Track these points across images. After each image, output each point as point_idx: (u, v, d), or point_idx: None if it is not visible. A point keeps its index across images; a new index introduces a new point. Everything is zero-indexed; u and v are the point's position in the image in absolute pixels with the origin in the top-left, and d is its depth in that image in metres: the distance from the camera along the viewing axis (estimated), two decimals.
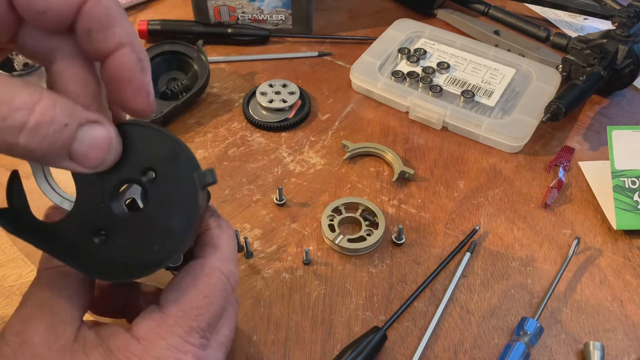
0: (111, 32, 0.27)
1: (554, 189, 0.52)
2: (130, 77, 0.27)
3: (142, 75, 0.28)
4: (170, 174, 0.28)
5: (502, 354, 0.41)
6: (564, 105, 0.55)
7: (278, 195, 0.51)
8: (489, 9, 0.73)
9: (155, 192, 0.28)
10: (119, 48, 0.27)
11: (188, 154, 0.28)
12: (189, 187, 0.28)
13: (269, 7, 0.68)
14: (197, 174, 0.28)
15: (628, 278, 0.47)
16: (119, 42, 0.27)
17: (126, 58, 0.27)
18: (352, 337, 0.42)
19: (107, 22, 0.26)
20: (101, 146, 0.26)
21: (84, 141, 0.25)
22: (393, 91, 0.60)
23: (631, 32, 0.59)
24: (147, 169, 0.28)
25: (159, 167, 0.28)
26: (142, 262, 0.28)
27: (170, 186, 0.28)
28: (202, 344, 0.31)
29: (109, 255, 0.29)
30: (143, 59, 0.28)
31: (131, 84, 0.28)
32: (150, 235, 0.28)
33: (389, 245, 0.49)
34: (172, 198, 0.28)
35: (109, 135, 0.27)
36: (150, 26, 0.68)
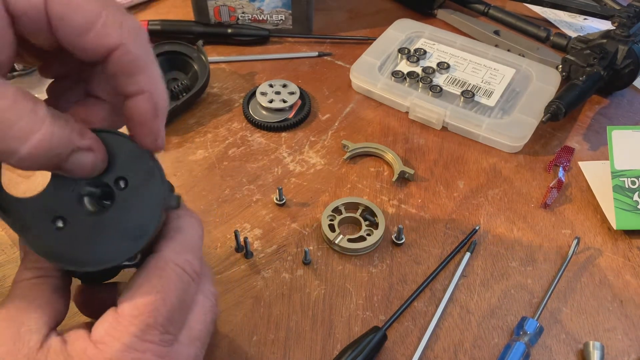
0: (134, 80, 0.29)
1: (554, 189, 0.52)
2: (143, 121, 0.30)
3: (154, 122, 0.31)
4: (141, 188, 0.31)
5: (502, 353, 0.41)
6: (564, 105, 0.55)
7: (278, 195, 0.51)
8: (489, 9, 0.73)
9: (122, 199, 0.31)
10: (138, 94, 0.30)
11: (162, 177, 0.31)
12: (154, 205, 0.31)
13: (269, 7, 0.68)
14: (165, 196, 0.31)
15: (628, 278, 0.47)
16: (139, 89, 0.30)
17: (143, 105, 0.30)
18: (352, 337, 0.42)
19: (132, 71, 0.29)
20: (87, 168, 0.29)
21: (73, 163, 0.28)
22: (393, 91, 0.60)
23: (631, 32, 0.59)
24: (121, 177, 0.31)
25: (133, 179, 0.31)
26: (94, 257, 0.30)
27: (138, 199, 0.31)
28: (166, 340, 0.30)
29: (64, 243, 0.30)
30: (160, 107, 0.31)
31: (143, 127, 0.31)
32: (107, 235, 0.31)
33: (389, 245, 0.49)
34: (136, 209, 0.31)
35: (95, 160, 0.29)
36: (150, 26, 0.68)
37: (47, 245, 0.30)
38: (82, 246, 0.30)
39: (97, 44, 0.28)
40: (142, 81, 0.30)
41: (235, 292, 0.45)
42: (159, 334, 0.30)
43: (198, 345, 0.33)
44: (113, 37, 0.28)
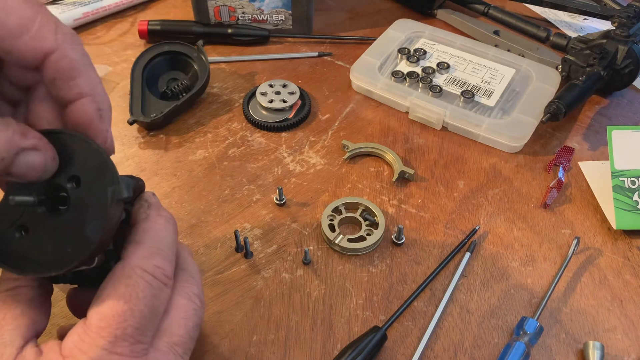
0: (73, 84, 0.29)
1: (554, 189, 0.52)
2: (88, 123, 0.30)
3: (100, 123, 0.30)
4: (93, 184, 0.30)
5: (502, 353, 0.41)
6: (564, 105, 0.55)
7: (278, 195, 0.51)
8: (488, 9, 0.73)
9: (77, 198, 0.30)
10: (79, 98, 0.29)
11: (111, 168, 0.30)
12: (103, 198, 0.30)
13: (269, 8, 0.68)
14: (112, 187, 0.30)
15: (628, 278, 0.47)
16: (79, 92, 0.29)
17: (86, 107, 0.30)
18: (352, 337, 0.42)
19: (70, 74, 0.29)
20: (37, 168, 0.29)
21: (21, 165, 0.28)
22: (393, 91, 0.60)
23: (631, 32, 0.59)
24: (73, 176, 0.30)
25: (85, 176, 0.30)
26: (54, 260, 0.30)
27: (91, 195, 0.30)
28: (138, 351, 0.29)
29: (26, 250, 0.30)
30: (103, 109, 0.30)
31: (89, 130, 0.30)
32: (66, 237, 0.30)
33: (389, 245, 0.49)
34: (90, 206, 0.30)
35: (44, 159, 0.29)
36: (150, 26, 0.68)
37: (9, 254, 0.30)
38: (43, 251, 0.30)
39: (33, 47, 0.28)
40: (82, 84, 0.29)
41: (235, 292, 0.45)
42: (129, 345, 0.29)
43: (178, 351, 0.31)
44: (49, 40, 0.28)
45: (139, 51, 0.61)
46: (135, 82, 0.59)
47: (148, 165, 0.55)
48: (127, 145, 0.57)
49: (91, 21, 0.72)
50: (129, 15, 0.74)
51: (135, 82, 0.58)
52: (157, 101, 0.58)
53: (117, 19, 0.73)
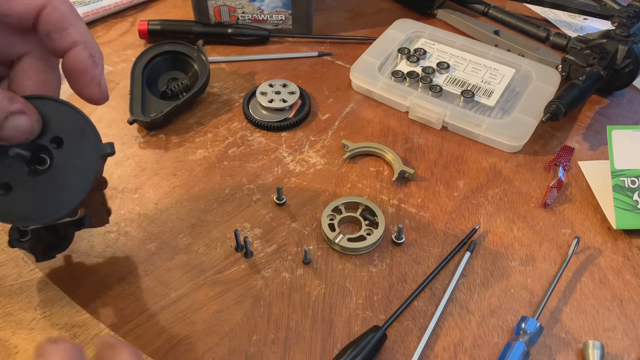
0: (66, 33, 0.32)
1: (554, 189, 0.52)
2: (83, 69, 0.33)
3: (94, 68, 0.33)
4: (76, 143, 0.34)
5: (502, 353, 0.41)
6: (564, 105, 0.55)
7: (278, 195, 0.51)
8: (488, 9, 0.74)
9: (60, 157, 0.34)
10: (74, 46, 0.32)
11: (93, 129, 0.34)
12: (90, 155, 0.34)
13: (269, 7, 0.68)
14: (100, 145, 0.34)
15: (628, 277, 0.47)
16: (73, 41, 0.32)
17: (80, 54, 0.33)
18: (352, 337, 0.42)
19: (63, 25, 0.32)
20: (24, 131, 0.32)
21: (9, 128, 0.31)
22: (393, 91, 0.60)
23: (631, 32, 0.59)
24: (56, 137, 0.34)
25: (67, 137, 0.34)
26: (39, 213, 0.33)
27: (75, 153, 0.34)
28: None
29: (10, 203, 0.34)
30: (95, 55, 0.33)
31: (84, 75, 0.33)
32: (50, 192, 0.33)
33: (388, 245, 0.49)
34: (75, 163, 0.34)
35: (30, 122, 0.32)
36: (150, 26, 0.68)
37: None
38: (27, 205, 0.33)
39: (25, 5, 0.31)
40: (74, 33, 0.32)
41: (235, 292, 0.45)
42: None
43: None
44: None
45: (139, 51, 0.61)
46: (135, 81, 0.59)
47: (148, 165, 0.55)
48: (127, 144, 0.57)
49: (91, 21, 0.72)
50: (129, 15, 0.74)
51: (135, 82, 0.59)
52: (157, 101, 0.58)
53: (117, 19, 0.73)
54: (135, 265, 0.47)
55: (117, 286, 0.45)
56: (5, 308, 0.43)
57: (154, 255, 0.47)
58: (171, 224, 0.50)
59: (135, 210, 0.50)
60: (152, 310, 0.44)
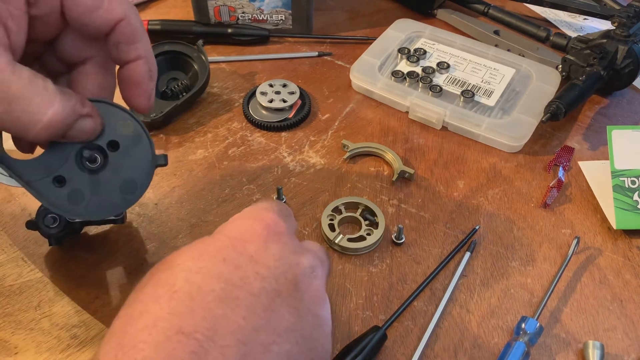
0: (134, 47, 0.35)
1: (554, 189, 0.52)
2: (140, 81, 0.36)
3: (149, 82, 0.36)
4: (131, 150, 0.36)
5: (502, 353, 0.41)
6: (564, 105, 0.55)
7: (278, 195, 0.51)
8: (488, 9, 0.74)
9: (115, 160, 0.36)
10: (137, 59, 0.35)
11: (149, 139, 0.36)
12: (146, 163, 0.36)
13: (269, 7, 0.68)
14: (155, 155, 0.36)
15: (628, 278, 0.47)
16: (138, 55, 0.35)
17: (141, 68, 0.35)
18: (352, 337, 0.42)
19: (133, 39, 0.34)
20: (89, 132, 0.34)
21: (77, 129, 0.33)
22: (393, 91, 0.60)
23: (631, 32, 0.59)
24: (112, 141, 0.36)
25: (124, 142, 0.36)
26: (91, 209, 0.35)
27: (128, 159, 0.36)
28: None
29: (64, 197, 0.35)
30: (153, 70, 0.36)
31: (139, 87, 0.36)
32: (102, 191, 0.35)
33: (388, 245, 0.49)
34: (129, 168, 0.36)
35: (95, 125, 0.34)
36: (150, 26, 0.68)
37: (50, 199, 0.35)
38: (80, 200, 0.35)
39: (106, 18, 0.33)
40: (141, 48, 0.35)
41: None
42: None
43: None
44: (118, 11, 0.33)
45: None
46: None
47: None
48: None
49: None
50: None
51: None
52: (157, 101, 0.58)
53: None
54: (136, 265, 0.46)
55: (118, 286, 0.45)
56: (5, 308, 0.43)
57: (154, 255, 0.47)
58: (171, 224, 0.50)
59: (135, 210, 0.50)
60: None
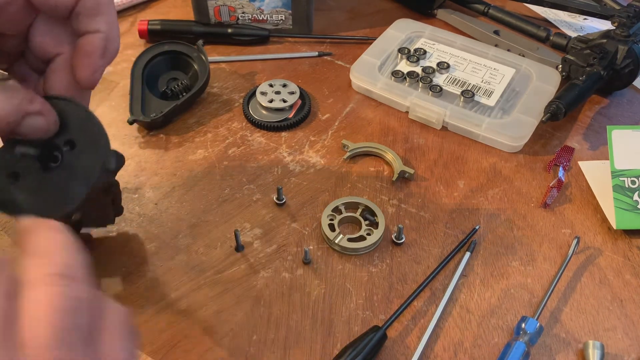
0: (94, 20, 0.34)
1: (554, 189, 0.52)
2: (89, 53, 0.35)
3: (99, 59, 0.35)
4: (86, 150, 0.35)
5: (502, 353, 0.41)
6: (564, 105, 0.55)
7: (278, 195, 0.51)
8: (488, 9, 0.73)
9: (68, 160, 0.35)
10: (94, 32, 0.34)
11: (106, 142, 0.35)
12: (95, 165, 0.35)
13: (269, 7, 0.68)
14: (103, 158, 0.35)
15: (628, 277, 0.47)
16: (96, 28, 0.34)
17: (95, 41, 0.34)
18: (352, 337, 0.42)
19: (93, 12, 0.34)
20: (40, 129, 0.33)
21: (26, 126, 0.32)
22: (393, 91, 0.60)
23: (631, 32, 0.59)
24: (69, 140, 0.35)
25: (80, 142, 0.35)
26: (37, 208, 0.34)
27: (82, 160, 0.35)
28: None
29: (16, 195, 0.34)
30: (109, 48, 0.35)
31: (87, 58, 0.35)
32: (52, 191, 0.34)
33: (388, 245, 0.49)
34: (80, 169, 0.35)
35: (47, 123, 0.33)
36: (150, 26, 0.68)
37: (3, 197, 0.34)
38: (30, 199, 0.34)
39: None
40: (101, 23, 0.34)
41: (235, 292, 0.45)
42: None
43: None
44: None
45: (139, 51, 0.60)
46: (135, 81, 0.59)
47: (148, 165, 0.55)
48: (127, 145, 0.56)
49: None
50: (129, 15, 0.74)
51: (135, 82, 0.58)
52: (157, 101, 0.58)
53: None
54: (135, 265, 0.47)
55: (117, 286, 0.45)
56: None
57: (154, 255, 0.47)
58: (171, 224, 0.50)
59: (135, 210, 0.50)
60: (152, 310, 0.44)
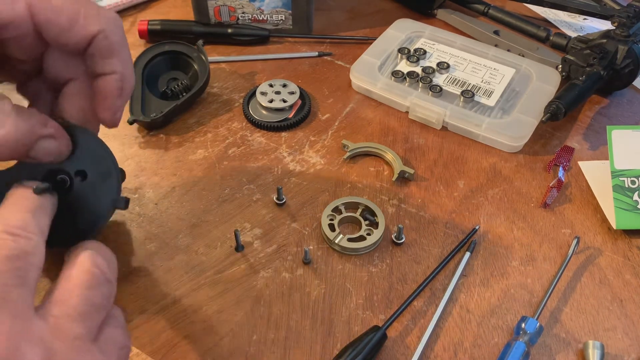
0: (109, 62, 0.34)
1: (554, 189, 0.52)
2: (107, 96, 0.35)
3: (117, 99, 0.35)
4: (97, 185, 0.35)
5: (502, 353, 0.41)
6: (564, 105, 0.55)
7: (278, 195, 0.51)
8: (488, 9, 0.74)
9: (79, 191, 0.35)
10: (110, 74, 0.35)
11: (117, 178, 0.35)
12: (105, 202, 0.35)
13: (269, 7, 0.68)
14: (115, 197, 0.35)
15: (628, 277, 0.47)
16: (112, 70, 0.35)
17: (111, 83, 0.35)
18: (352, 337, 0.42)
19: (108, 54, 0.34)
20: (52, 153, 0.34)
21: (39, 150, 0.33)
22: (393, 91, 0.60)
23: (631, 32, 0.59)
24: (81, 171, 0.35)
25: (92, 174, 0.35)
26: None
27: (92, 194, 0.35)
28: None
29: None
30: (126, 88, 0.36)
31: (106, 101, 0.35)
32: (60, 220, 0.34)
33: (388, 245, 0.49)
34: (88, 203, 0.35)
35: (59, 147, 0.34)
36: (150, 26, 0.68)
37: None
38: None
39: (83, 35, 0.33)
40: (115, 64, 0.35)
41: (235, 292, 0.45)
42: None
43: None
44: (94, 26, 0.33)
45: (139, 51, 0.61)
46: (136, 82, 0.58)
47: (148, 165, 0.55)
48: (127, 145, 0.57)
49: None
50: (129, 15, 0.74)
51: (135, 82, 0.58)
52: (157, 101, 0.58)
53: None
54: (135, 265, 0.47)
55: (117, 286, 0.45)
56: None
57: (154, 255, 0.47)
58: (171, 224, 0.50)
59: (135, 210, 0.50)
60: (152, 310, 0.44)
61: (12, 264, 0.28)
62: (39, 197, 0.32)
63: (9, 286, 0.27)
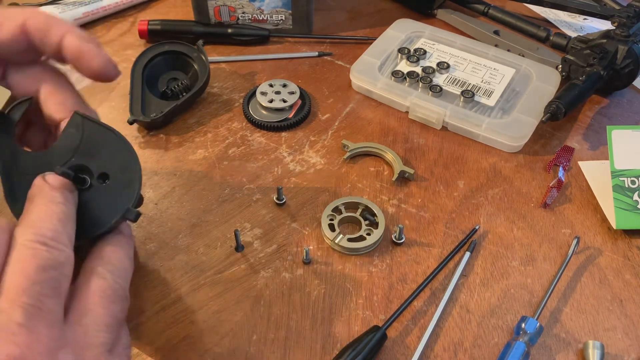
0: (53, 31, 0.35)
1: (554, 189, 0.52)
2: (79, 48, 0.35)
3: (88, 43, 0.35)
4: (115, 191, 0.35)
5: (502, 353, 0.41)
6: (564, 105, 0.55)
7: (278, 195, 0.51)
8: (488, 9, 0.74)
9: (97, 190, 0.35)
10: (62, 39, 0.35)
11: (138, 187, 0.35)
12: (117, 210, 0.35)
13: (269, 7, 0.68)
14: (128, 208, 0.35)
15: (628, 277, 0.47)
16: (61, 34, 0.35)
17: (70, 39, 0.35)
18: (352, 337, 0.42)
19: (47, 26, 0.35)
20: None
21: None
22: (393, 91, 0.60)
23: (631, 32, 0.59)
24: (104, 173, 0.35)
25: (114, 179, 0.35)
26: None
27: (107, 198, 0.35)
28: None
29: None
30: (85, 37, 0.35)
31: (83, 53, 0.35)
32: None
33: (388, 245, 0.49)
34: (102, 206, 0.35)
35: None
36: (150, 26, 0.68)
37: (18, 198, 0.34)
38: None
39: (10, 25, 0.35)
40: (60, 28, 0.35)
41: (235, 292, 0.45)
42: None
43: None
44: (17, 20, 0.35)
45: (139, 51, 0.61)
46: (135, 82, 0.59)
47: (148, 165, 0.55)
48: None
49: (91, 21, 0.72)
50: (129, 15, 0.74)
51: (135, 82, 0.58)
52: (157, 101, 0.58)
53: (117, 19, 0.73)
54: (135, 265, 0.46)
55: None
56: None
57: (154, 255, 0.47)
58: (171, 224, 0.50)
59: None
60: (152, 310, 0.44)
61: (47, 274, 0.29)
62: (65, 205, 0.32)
63: (43, 296, 0.28)
